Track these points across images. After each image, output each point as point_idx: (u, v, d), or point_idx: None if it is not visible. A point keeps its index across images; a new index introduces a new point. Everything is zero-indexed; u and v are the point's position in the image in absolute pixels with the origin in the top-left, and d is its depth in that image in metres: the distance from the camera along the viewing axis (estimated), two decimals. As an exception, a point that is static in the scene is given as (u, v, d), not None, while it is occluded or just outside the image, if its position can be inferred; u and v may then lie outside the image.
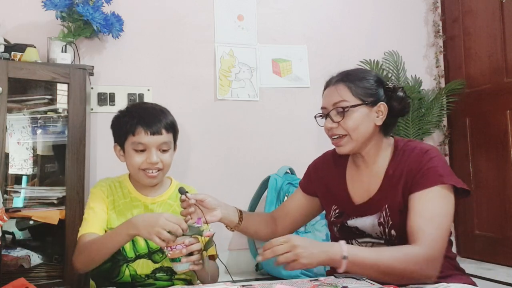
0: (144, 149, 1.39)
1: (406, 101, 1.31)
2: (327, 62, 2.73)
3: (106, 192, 1.45)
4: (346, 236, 1.33)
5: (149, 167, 1.39)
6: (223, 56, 2.59)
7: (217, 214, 1.33)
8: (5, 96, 1.82)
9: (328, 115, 1.30)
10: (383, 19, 2.87)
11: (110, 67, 2.39)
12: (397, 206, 1.23)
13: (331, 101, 1.30)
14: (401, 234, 1.22)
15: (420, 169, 1.21)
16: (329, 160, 1.47)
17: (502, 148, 2.50)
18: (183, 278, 1.47)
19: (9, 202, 1.87)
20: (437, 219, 1.16)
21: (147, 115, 1.41)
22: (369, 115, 1.27)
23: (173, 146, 1.47)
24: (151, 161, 1.38)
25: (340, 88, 1.29)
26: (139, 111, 1.44)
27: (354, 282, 1.08)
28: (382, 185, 1.29)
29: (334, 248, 1.11)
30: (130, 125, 1.39)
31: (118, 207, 1.44)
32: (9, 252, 1.89)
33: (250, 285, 1.09)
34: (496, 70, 2.58)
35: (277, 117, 2.63)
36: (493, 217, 2.51)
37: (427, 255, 1.12)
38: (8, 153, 1.90)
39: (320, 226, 2.29)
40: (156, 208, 1.46)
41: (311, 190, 1.47)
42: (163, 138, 1.40)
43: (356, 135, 1.27)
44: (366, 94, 1.28)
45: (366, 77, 1.31)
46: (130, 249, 1.41)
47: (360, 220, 1.30)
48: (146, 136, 1.37)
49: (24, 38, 2.12)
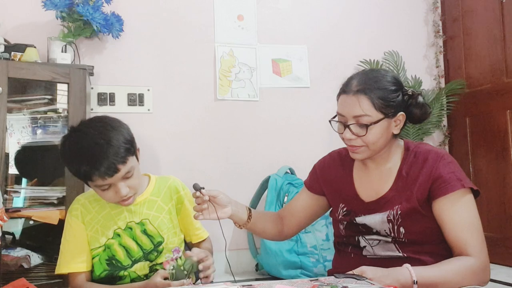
0: (109, 186, 1.32)
1: (426, 107, 1.30)
2: (327, 62, 2.74)
3: (80, 216, 1.41)
4: (352, 233, 1.34)
5: (121, 199, 1.35)
6: (223, 56, 2.59)
7: (228, 211, 1.32)
8: (5, 96, 1.82)
9: (347, 127, 1.26)
10: (383, 19, 2.87)
11: (110, 67, 2.39)
12: (410, 207, 1.24)
13: (351, 112, 1.24)
14: (410, 231, 1.24)
15: (440, 175, 1.23)
16: (335, 160, 1.46)
17: (502, 148, 2.50)
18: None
19: (9, 202, 1.87)
20: (475, 226, 1.21)
21: (95, 158, 1.26)
22: (388, 127, 1.26)
23: (136, 163, 1.38)
24: (121, 195, 1.32)
25: (362, 101, 1.22)
26: (84, 154, 1.27)
27: (354, 282, 1.08)
28: (394, 185, 1.29)
29: (404, 274, 1.12)
30: (84, 174, 1.28)
31: (99, 222, 1.41)
32: (9, 252, 1.89)
33: (250, 285, 1.09)
34: (496, 70, 2.58)
35: (277, 117, 2.63)
36: (493, 217, 2.51)
37: (482, 265, 1.18)
38: (8, 153, 1.90)
39: (320, 227, 2.29)
40: (140, 208, 1.43)
41: (318, 189, 1.47)
42: (122, 173, 1.30)
43: (374, 147, 1.27)
44: (388, 106, 1.24)
45: (386, 86, 1.25)
46: (125, 257, 1.40)
47: (369, 217, 1.30)
48: (105, 180, 1.29)
49: (24, 38, 2.12)
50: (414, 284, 1.10)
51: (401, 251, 1.26)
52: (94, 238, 1.40)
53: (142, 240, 1.41)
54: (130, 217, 1.42)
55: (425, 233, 1.25)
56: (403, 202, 1.25)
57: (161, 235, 1.43)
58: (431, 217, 1.25)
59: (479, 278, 1.17)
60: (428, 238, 1.25)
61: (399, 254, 1.26)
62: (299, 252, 2.22)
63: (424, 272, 1.14)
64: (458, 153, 2.80)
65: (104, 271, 1.39)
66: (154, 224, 1.43)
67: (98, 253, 1.39)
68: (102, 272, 1.39)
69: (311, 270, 2.19)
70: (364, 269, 1.11)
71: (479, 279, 1.18)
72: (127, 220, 1.42)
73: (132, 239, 1.41)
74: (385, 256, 1.28)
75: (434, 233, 1.25)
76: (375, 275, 1.08)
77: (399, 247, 1.26)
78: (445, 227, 1.22)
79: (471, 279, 1.16)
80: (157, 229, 1.43)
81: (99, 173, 1.26)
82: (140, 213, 1.43)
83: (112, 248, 1.39)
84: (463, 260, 1.18)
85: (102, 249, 1.39)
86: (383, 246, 1.29)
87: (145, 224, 1.42)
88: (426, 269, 1.16)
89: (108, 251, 1.39)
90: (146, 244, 1.41)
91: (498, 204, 2.49)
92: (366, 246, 1.32)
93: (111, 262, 1.39)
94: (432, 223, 1.25)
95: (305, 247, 2.23)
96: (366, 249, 1.32)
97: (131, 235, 1.41)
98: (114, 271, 1.39)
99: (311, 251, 2.23)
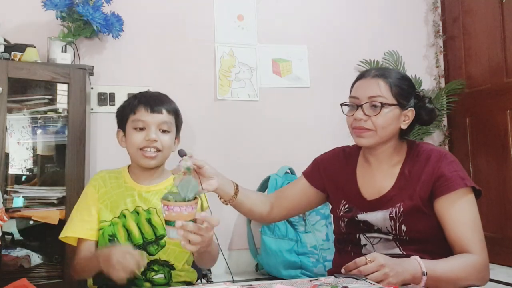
0: (143, 128, 1.39)
1: (434, 112, 1.35)
2: (327, 62, 2.73)
3: (97, 186, 1.44)
4: (353, 231, 1.35)
5: (147, 145, 1.38)
6: (223, 56, 2.59)
7: (213, 183, 1.25)
8: (5, 96, 1.82)
9: (360, 107, 1.29)
10: (383, 19, 2.87)
11: (110, 67, 2.39)
12: (412, 205, 1.26)
13: (367, 93, 1.28)
14: (411, 229, 1.25)
15: (442, 173, 1.24)
16: (339, 156, 1.47)
17: (502, 148, 2.50)
18: (183, 280, 1.45)
19: (9, 202, 1.87)
20: (476, 225, 1.23)
21: (149, 96, 1.45)
22: (398, 117, 1.29)
23: (174, 131, 1.46)
24: (149, 137, 1.37)
25: (381, 83, 1.28)
26: (143, 93, 1.48)
27: (354, 282, 1.08)
28: (396, 184, 1.30)
29: (414, 265, 1.13)
30: (132, 105, 1.42)
31: (111, 198, 1.43)
32: (9, 252, 1.89)
33: (250, 285, 1.09)
34: (496, 70, 2.58)
35: (277, 117, 2.63)
36: (493, 217, 2.51)
37: (484, 262, 1.20)
38: (8, 153, 1.90)
39: (320, 226, 2.29)
40: (151, 196, 1.44)
41: (319, 184, 1.46)
42: (163, 118, 1.40)
43: (383, 133, 1.28)
44: (402, 96, 1.29)
45: (404, 79, 1.32)
46: (125, 240, 1.39)
47: (370, 214, 1.31)
48: (146, 114, 1.38)
49: (24, 38, 2.11)
50: (423, 275, 1.11)
51: (401, 249, 1.27)
52: (103, 211, 1.41)
53: (145, 228, 1.41)
54: (140, 201, 1.42)
55: (426, 231, 1.26)
56: (406, 200, 1.26)
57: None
58: (433, 216, 1.26)
59: (481, 275, 1.19)
60: (429, 236, 1.26)
61: (400, 252, 1.27)
62: (299, 252, 2.22)
63: (433, 265, 1.15)
64: (458, 153, 2.80)
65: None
66: (161, 215, 1.41)
67: (103, 227, 1.40)
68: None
69: (311, 270, 2.19)
70: (375, 255, 1.11)
71: (481, 277, 1.20)
72: (136, 204, 1.42)
73: (136, 224, 1.41)
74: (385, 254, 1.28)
75: (435, 232, 1.26)
76: (386, 262, 1.08)
77: (400, 245, 1.27)
78: (447, 225, 1.23)
79: (474, 276, 1.18)
80: (163, 221, 1.39)
81: (147, 104, 1.39)
82: (149, 201, 1.43)
83: (116, 227, 1.40)
84: (467, 257, 1.19)
85: (108, 224, 1.40)
86: (384, 244, 1.29)
87: (151, 213, 1.42)
88: (434, 262, 1.17)
89: (112, 228, 1.40)
90: (148, 233, 1.41)
91: (498, 204, 2.49)
92: (367, 244, 1.32)
93: (112, 239, 1.39)
94: (433, 222, 1.26)
95: (305, 247, 2.23)
96: (367, 247, 1.32)
97: (136, 220, 1.41)
98: None
99: (311, 251, 2.23)
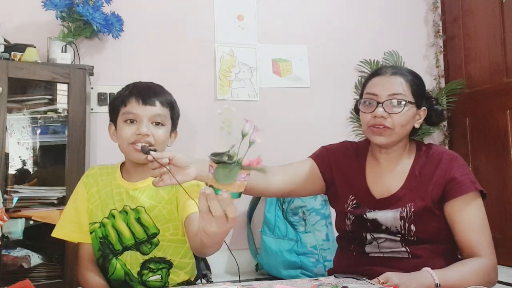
0: (135, 120, 1.29)
1: (443, 114, 1.37)
2: (327, 62, 2.73)
3: (88, 184, 1.39)
4: (359, 229, 1.33)
5: (138, 139, 1.26)
6: (223, 56, 2.59)
7: (191, 172, 1.13)
8: (5, 96, 1.82)
9: (381, 104, 1.27)
10: (383, 19, 2.87)
11: (110, 67, 2.39)
12: (424, 205, 1.26)
13: (388, 90, 1.27)
14: (420, 230, 1.25)
15: (454, 176, 1.26)
16: (349, 149, 1.44)
17: (502, 148, 2.50)
18: (182, 279, 1.40)
19: (9, 202, 1.87)
20: (486, 228, 1.26)
21: (142, 87, 1.33)
22: (414, 116, 1.30)
23: (169, 124, 1.36)
24: (140, 131, 1.26)
25: (402, 81, 1.28)
26: (136, 84, 1.36)
27: (354, 282, 1.08)
28: (406, 184, 1.30)
29: (427, 278, 1.13)
30: (123, 96, 1.31)
31: (101, 197, 1.37)
32: (9, 252, 1.89)
33: (250, 285, 1.09)
34: (496, 70, 2.58)
35: (277, 117, 2.63)
36: (493, 217, 2.49)
37: (493, 265, 1.24)
38: (8, 153, 1.90)
39: (320, 226, 2.29)
40: (138, 194, 1.34)
41: (327, 171, 1.42)
42: (156, 110, 1.29)
43: (400, 131, 1.27)
44: (419, 95, 1.30)
45: (418, 78, 1.33)
46: (116, 241, 1.35)
47: (380, 213, 1.29)
48: (137, 106, 1.28)
49: (24, 38, 2.11)
50: (436, 287, 1.11)
51: (407, 250, 1.26)
52: (93, 212, 1.36)
53: (135, 228, 1.35)
54: (128, 200, 1.35)
55: (435, 232, 1.26)
56: (417, 200, 1.26)
57: (157, 226, 1.34)
58: (442, 217, 1.26)
59: (491, 278, 1.22)
60: (437, 237, 1.26)
61: (404, 252, 1.26)
62: (299, 252, 2.22)
63: (445, 275, 1.15)
64: (458, 153, 2.78)
65: (98, 251, 1.36)
66: (150, 214, 1.35)
67: (95, 229, 1.36)
68: (96, 252, 1.37)
69: (311, 270, 2.19)
70: (389, 275, 1.11)
71: (491, 279, 1.22)
72: (124, 203, 1.35)
73: (125, 224, 1.35)
74: (389, 253, 1.28)
75: (443, 233, 1.26)
76: (400, 281, 1.08)
77: (406, 246, 1.27)
78: (457, 227, 1.24)
79: (485, 280, 1.20)
80: (153, 219, 1.34)
81: (138, 95, 1.29)
82: (137, 200, 1.35)
83: (106, 227, 1.35)
84: (477, 262, 1.21)
85: (98, 225, 1.36)
86: (389, 244, 1.28)
87: (140, 212, 1.34)
88: (446, 272, 1.17)
89: (103, 229, 1.35)
90: (139, 233, 1.34)
91: (498, 204, 2.49)
92: (372, 243, 1.31)
93: (104, 241, 1.35)
94: (442, 223, 1.26)
95: (305, 247, 2.23)
96: (371, 246, 1.31)
97: (125, 220, 1.35)
98: (105, 253, 1.36)
99: (311, 251, 2.23)
